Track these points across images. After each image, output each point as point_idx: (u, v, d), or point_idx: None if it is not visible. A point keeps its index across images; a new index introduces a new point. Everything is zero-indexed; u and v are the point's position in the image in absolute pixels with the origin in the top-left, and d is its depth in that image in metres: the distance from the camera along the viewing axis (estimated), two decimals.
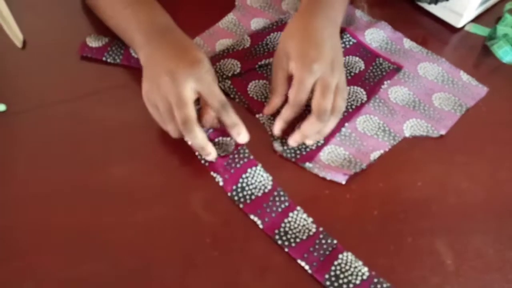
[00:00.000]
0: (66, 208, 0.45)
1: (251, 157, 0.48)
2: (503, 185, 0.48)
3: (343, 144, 0.50)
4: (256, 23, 0.61)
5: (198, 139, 0.45)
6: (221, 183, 0.47)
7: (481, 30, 0.62)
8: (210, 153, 0.47)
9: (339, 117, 0.50)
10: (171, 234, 0.44)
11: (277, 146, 0.50)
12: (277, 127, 0.50)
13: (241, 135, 0.47)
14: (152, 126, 0.51)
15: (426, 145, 0.51)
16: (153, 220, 0.45)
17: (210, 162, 0.48)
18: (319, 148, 0.50)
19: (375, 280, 0.41)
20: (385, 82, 0.55)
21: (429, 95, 0.55)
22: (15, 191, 0.46)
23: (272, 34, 0.59)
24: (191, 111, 0.45)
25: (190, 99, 0.45)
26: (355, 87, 0.55)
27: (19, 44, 0.58)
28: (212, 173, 0.48)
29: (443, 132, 0.52)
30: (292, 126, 0.50)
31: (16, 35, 0.58)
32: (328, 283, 0.41)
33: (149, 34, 0.50)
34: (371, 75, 0.56)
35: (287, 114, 0.49)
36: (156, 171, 0.48)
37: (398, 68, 0.57)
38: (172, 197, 0.46)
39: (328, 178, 0.47)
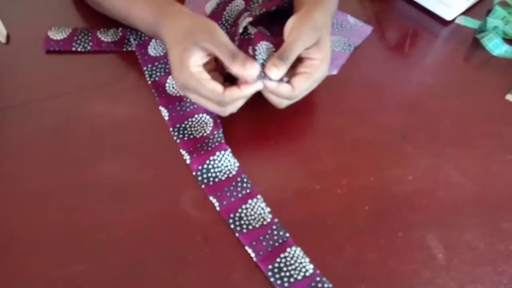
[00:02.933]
0: (55, 206, 0.44)
1: (223, 141, 0.49)
2: (493, 178, 0.49)
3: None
4: (210, 6, 0.59)
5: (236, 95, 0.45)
6: (188, 161, 0.47)
7: (471, 23, 0.62)
8: (253, 67, 0.44)
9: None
10: (162, 232, 0.43)
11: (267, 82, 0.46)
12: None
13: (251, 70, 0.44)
14: (141, 122, 0.50)
15: (416, 139, 0.51)
16: (143, 217, 0.44)
17: (182, 140, 0.49)
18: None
19: (317, 278, 0.41)
20: None
21: None
22: (2, 190, 0.45)
23: (227, 7, 0.57)
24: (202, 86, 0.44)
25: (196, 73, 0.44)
26: (265, 43, 0.52)
27: (3, 39, 0.57)
28: (181, 150, 0.48)
29: (335, 72, 0.56)
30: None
31: (0, 30, 0.57)
32: (270, 273, 0.41)
33: (161, 19, 0.48)
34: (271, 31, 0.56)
35: (278, 90, 0.46)
36: (146, 168, 0.48)
37: None
38: (163, 194, 0.46)
39: None
